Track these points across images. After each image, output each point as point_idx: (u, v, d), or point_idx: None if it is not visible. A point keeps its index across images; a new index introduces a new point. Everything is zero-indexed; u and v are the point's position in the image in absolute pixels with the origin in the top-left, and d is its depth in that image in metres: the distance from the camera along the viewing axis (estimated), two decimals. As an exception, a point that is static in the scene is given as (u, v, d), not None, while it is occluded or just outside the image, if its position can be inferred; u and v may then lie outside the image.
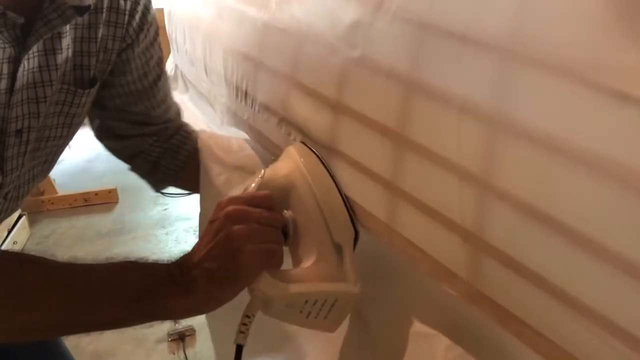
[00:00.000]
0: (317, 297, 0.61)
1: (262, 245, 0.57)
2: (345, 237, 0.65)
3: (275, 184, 0.67)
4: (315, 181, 0.66)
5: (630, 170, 0.34)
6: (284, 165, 0.70)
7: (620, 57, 0.35)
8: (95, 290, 0.55)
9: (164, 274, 0.56)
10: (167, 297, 0.55)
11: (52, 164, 0.87)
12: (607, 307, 0.38)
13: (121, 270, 0.57)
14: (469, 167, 0.47)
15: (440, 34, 0.51)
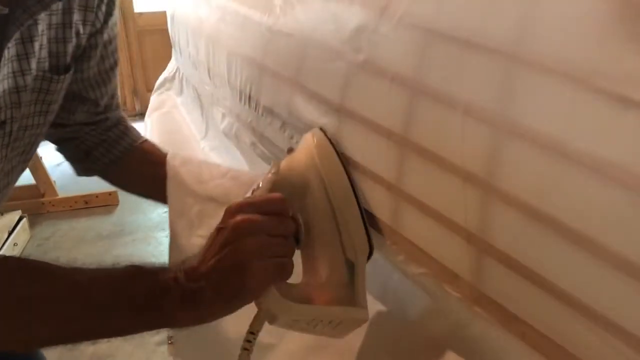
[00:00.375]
0: (323, 319, 0.59)
1: (271, 260, 0.54)
2: (359, 255, 0.62)
3: (289, 181, 0.63)
4: (333, 189, 0.62)
5: (633, 174, 0.35)
6: (301, 161, 0.65)
7: (623, 62, 0.35)
8: (101, 300, 0.54)
9: (172, 284, 0.53)
10: (174, 309, 0.53)
11: (29, 154, 0.86)
12: (610, 309, 0.38)
13: (128, 278, 0.54)
14: (473, 169, 0.47)
15: (444, 39, 0.51)
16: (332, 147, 0.65)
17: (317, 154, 0.64)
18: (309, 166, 0.63)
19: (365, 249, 0.62)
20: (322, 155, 0.64)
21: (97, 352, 1.90)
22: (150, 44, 4.57)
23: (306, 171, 0.63)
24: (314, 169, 0.63)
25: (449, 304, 0.53)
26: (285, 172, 0.63)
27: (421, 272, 0.56)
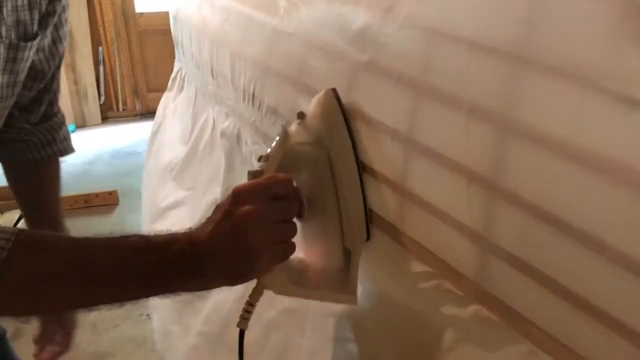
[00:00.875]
0: (316, 300, 0.65)
1: (277, 246, 0.57)
2: (357, 245, 0.64)
3: (296, 153, 0.63)
4: (338, 165, 0.63)
5: (638, 173, 0.35)
6: (309, 132, 0.64)
7: (628, 62, 0.36)
8: (111, 273, 0.55)
9: (181, 259, 0.54)
10: (182, 281, 0.55)
11: None
12: (615, 308, 0.38)
13: (138, 253, 0.55)
14: (477, 169, 0.48)
15: (449, 39, 0.52)
16: (344, 121, 0.64)
17: (326, 129, 0.64)
18: (316, 139, 0.64)
19: (363, 237, 0.64)
20: (331, 131, 0.64)
21: (96, 352, 1.90)
22: (151, 45, 4.57)
23: (313, 144, 0.64)
24: (320, 142, 0.64)
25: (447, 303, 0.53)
26: (293, 143, 0.63)
27: (425, 271, 0.57)
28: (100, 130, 4.41)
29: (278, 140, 0.62)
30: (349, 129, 0.64)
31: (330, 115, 0.64)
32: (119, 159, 3.76)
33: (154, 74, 4.60)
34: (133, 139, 4.13)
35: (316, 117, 0.65)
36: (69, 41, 4.19)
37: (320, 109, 0.65)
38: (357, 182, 0.64)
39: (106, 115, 4.63)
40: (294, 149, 0.63)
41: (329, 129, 0.64)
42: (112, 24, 4.45)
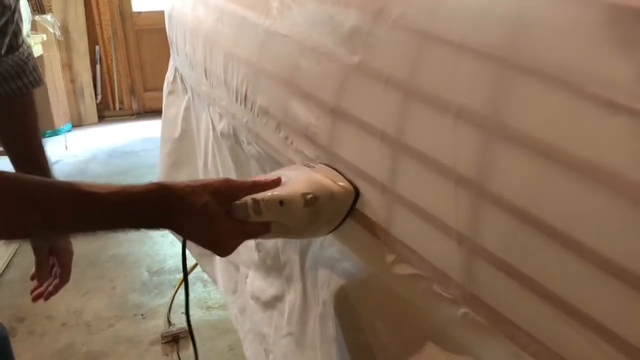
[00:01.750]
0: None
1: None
2: None
3: (284, 225, 0.67)
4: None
5: (621, 178, 0.35)
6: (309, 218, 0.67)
7: (612, 67, 0.36)
8: (80, 217, 0.61)
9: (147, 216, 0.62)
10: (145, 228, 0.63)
11: None
12: (598, 311, 0.39)
13: (107, 205, 0.60)
14: (464, 172, 0.48)
15: (438, 42, 0.52)
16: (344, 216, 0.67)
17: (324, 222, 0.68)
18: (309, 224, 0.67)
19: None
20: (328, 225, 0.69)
21: (91, 351, 1.90)
22: (148, 44, 4.57)
23: (302, 227, 0.68)
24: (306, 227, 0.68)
25: (437, 306, 0.53)
26: (288, 220, 0.66)
27: (413, 273, 0.57)
28: (97, 130, 4.41)
29: (276, 208, 0.65)
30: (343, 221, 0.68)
31: (336, 215, 0.67)
32: (115, 158, 3.75)
33: (151, 73, 4.60)
34: (129, 138, 4.13)
35: (324, 211, 0.66)
36: (66, 40, 4.18)
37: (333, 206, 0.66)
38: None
39: (103, 114, 4.62)
40: (282, 223, 0.67)
41: (326, 224, 0.68)
42: (110, 22, 4.45)
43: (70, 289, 2.25)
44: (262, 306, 1.02)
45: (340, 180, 0.66)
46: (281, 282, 0.94)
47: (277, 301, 0.96)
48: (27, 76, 1.02)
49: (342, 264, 0.73)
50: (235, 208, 0.65)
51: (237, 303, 1.19)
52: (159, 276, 2.35)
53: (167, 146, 1.63)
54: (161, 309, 2.11)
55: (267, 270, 1.00)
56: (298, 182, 0.66)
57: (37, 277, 1.06)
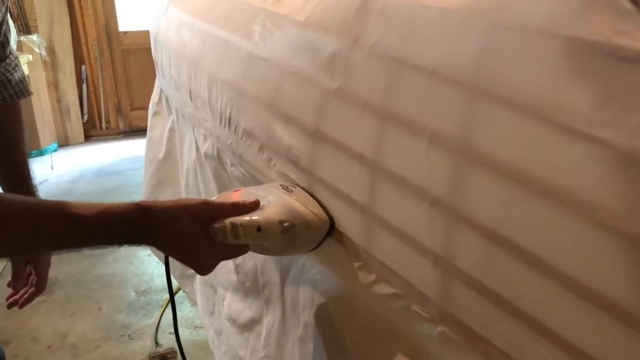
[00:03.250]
0: None
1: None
2: None
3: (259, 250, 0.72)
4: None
5: (582, 202, 0.37)
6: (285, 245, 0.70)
7: (572, 97, 0.38)
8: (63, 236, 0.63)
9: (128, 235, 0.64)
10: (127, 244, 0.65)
11: None
12: (568, 330, 0.40)
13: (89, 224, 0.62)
14: (439, 194, 0.50)
15: (412, 69, 0.54)
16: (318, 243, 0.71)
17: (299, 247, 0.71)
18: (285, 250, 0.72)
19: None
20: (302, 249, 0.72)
21: None
22: (134, 63, 4.59)
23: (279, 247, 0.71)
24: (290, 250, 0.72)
25: (416, 325, 0.55)
26: (264, 245, 0.70)
27: (392, 293, 0.58)
28: (83, 149, 4.39)
29: (252, 234, 0.67)
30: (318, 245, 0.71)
31: (309, 243, 0.71)
32: (101, 178, 3.74)
33: (138, 92, 4.61)
34: (116, 158, 4.12)
35: (298, 236, 0.68)
36: (52, 60, 4.18)
37: (309, 235, 0.69)
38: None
39: (89, 134, 4.61)
40: (258, 247, 0.71)
41: (299, 249, 0.72)
42: (96, 42, 4.46)
43: (55, 310, 2.23)
44: (238, 328, 1.02)
45: (316, 208, 0.69)
46: (259, 304, 0.95)
47: (254, 324, 0.97)
48: (13, 87, 1.04)
49: (323, 285, 0.74)
50: (214, 231, 0.67)
51: (214, 325, 1.20)
52: (146, 296, 2.34)
53: (152, 166, 1.64)
54: (148, 329, 2.10)
55: (245, 293, 1.01)
56: (276, 208, 0.68)
57: (13, 285, 1.07)
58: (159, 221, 0.65)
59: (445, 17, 0.51)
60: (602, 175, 0.36)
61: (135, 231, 0.64)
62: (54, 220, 0.61)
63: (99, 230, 0.63)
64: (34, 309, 2.19)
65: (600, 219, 0.36)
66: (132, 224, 0.64)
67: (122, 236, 0.64)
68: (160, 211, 0.65)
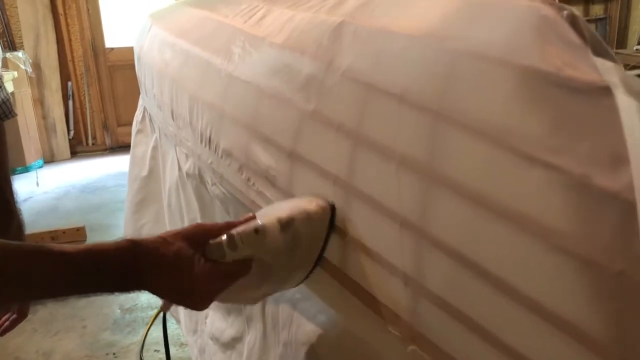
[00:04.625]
0: None
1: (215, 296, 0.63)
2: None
3: (262, 258, 0.63)
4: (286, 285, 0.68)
5: (538, 224, 0.38)
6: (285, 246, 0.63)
7: (527, 124, 0.39)
8: (49, 280, 0.57)
9: (121, 282, 0.59)
10: (133, 288, 0.60)
11: None
12: (531, 351, 0.41)
13: (76, 264, 0.58)
14: (408, 216, 0.51)
15: (382, 94, 0.55)
16: (324, 238, 0.64)
17: (305, 243, 0.64)
18: (287, 255, 0.64)
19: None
20: (309, 246, 0.65)
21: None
22: (121, 79, 4.59)
23: (280, 257, 0.63)
24: (289, 255, 0.64)
25: (388, 344, 0.56)
26: (266, 251, 0.63)
27: (366, 312, 0.59)
28: (69, 165, 4.37)
29: (252, 239, 0.62)
30: (323, 248, 0.65)
31: (315, 238, 0.64)
32: (87, 194, 3.72)
33: (124, 108, 4.60)
34: (102, 174, 4.11)
35: (301, 233, 0.63)
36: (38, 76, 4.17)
37: (310, 228, 0.63)
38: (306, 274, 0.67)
39: (75, 150, 4.60)
40: (262, 255, 0.63)
41: (306, 250, 0.64)
42: (82, 58, 4.46)
43: (39, 329, 2.21)
44: (221, 347, 1.03)
45: (315, 199, 0.63)
46: (241, 323, 0.96)
47: (236, 342, 0.97)
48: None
49: (303, 304, 0.75)
50: (210, 248, 0.62)
51: (198, 343, 1.20)
52: (131, 313, 2.32)
53: (135, 184, 1.64)
54: (134, 347, 2.09)
55: (227, 311, 1.01)
56: (272, 210, 0.65)
57: None
58: (151, 252, 0.60)
59: (412, 44, 0.53)
60: (556, 200, 0.37)
61: (127, 268, 0.59)
62: (37, 260, 0.56)
63: (88, 271, 0.58)
64: (17, 328, 2.17)
65: (555, 242, 0.38)
66: (124, 259, 0.59)
67: (115, 275, 0.59)
68: (152, 242, 0.60)
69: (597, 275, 0.35)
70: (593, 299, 0.36)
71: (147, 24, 1.52)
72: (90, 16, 4.47)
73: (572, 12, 0.40)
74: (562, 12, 0.40)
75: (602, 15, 5.11)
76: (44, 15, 4.25)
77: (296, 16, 0.81)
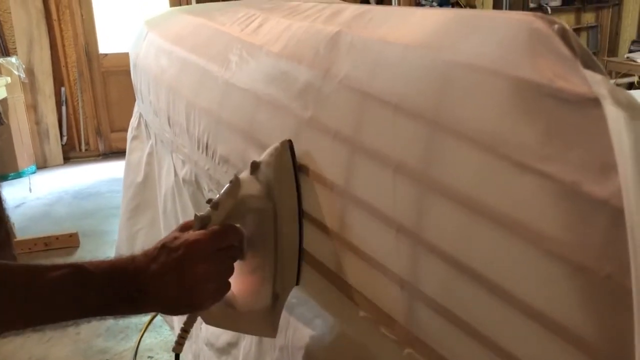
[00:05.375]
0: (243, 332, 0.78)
1: (219, 286, 0.62)
2: (286, 290, 0.70)
3: (246, 205, 0.66)
4: (282, 224, 0.67)
5: (531, 230, 0.40)
6: (261, 185, 0.67)
7: (519, 133, 0.41)
8: (54, 303, 0.58)
9: (122, 292, 0.59)
10: (122, 311, 0.62)
11: None
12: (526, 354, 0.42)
13: (72, 285, 0.58)
14: (404, 221, 0.52)
15: (378, 102, 0.57)
16: (294, 175, 0.68)
17: (276, 181, 0.67)
18: (266, 191, 0.67)
19: (292, 285, 0.70)
20: (281, 184, 0.67)
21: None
22: (115, 85, 4.59)
23: (262, 197, 0.67)
24: (269, 194, 0.67)
25: (384, 347, 0.57)
26: (244, 195, 0.66)
27: (363, 316, 0.60)
28: (62, 171, 4.36)
29: (229, 190, 0.65)
30: (297, 183, 0.68)
31: (282, 170, 0.67)
32: (80, 200, 3.71)
33: (118, 114, 4.60)
34: (95, 179, 4.10)
35: (269, 169, 0.67)
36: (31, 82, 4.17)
37: (274, 162, 0.67)
38: (296, 236, 0.68)
39: (68, 156, 4.59)
40: (243, 201, 0.66)
41: (279, 184, 0.67)
42: (76, 64, 4.46)
43: (32, 335, 2.20)
44: (216, 352, 1.03)
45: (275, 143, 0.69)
46: (238, 328, 0.96)
47: (231, 347, 0.98)
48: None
49: (299, 309, 0.76)
50: (196, 219, 0.63)
51: (192, 349, 1.20)
52: (124, 320, 2.32)
53: (130, 190, 1.65)
54: (127, 354, 2.08)
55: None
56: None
57: None
58: (147, 254, 0.61)
59: (408, 54, 0.54)
60: (548, 207, 0.39)
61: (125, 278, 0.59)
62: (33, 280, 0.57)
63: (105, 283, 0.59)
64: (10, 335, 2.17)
65: (547, 247, 0.39)
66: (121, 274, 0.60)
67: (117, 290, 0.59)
68: (147, 250, 0.62)
69: (587, 280, 0.37)
70: (584, 302, 0.37)
71: (143, 31, 1.53)
72: (84, 22, 4.47)
73: (562, 25, 0.41)
74: (553, 25, 0.41)
75: (594, 24, 5.17)
76: (37, 20, 4.25)
77: (293, 25, 0.82)
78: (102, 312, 0.62)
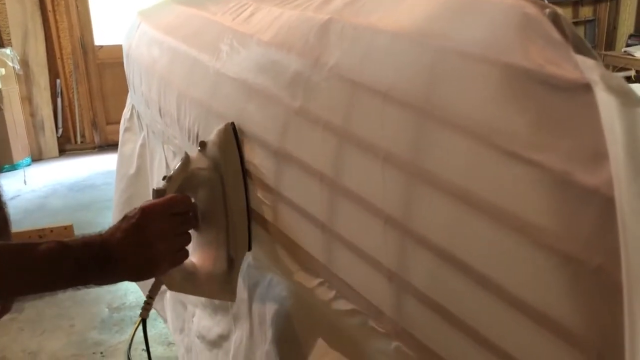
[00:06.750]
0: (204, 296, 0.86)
1: (174, 254, 0.70)
2: (239, 254, 0.78)
3: (197, 177, 0.76)
4: (230, 191, 0.76)
5: (520, 220, 0.39)
6: (209, 159, 0.77)
7: (510, 121, 0.40)
8: (41, 272, 0.65)
9: (94, 260, 0.66)
10: (93, 277, 0.68)
11: None
12: (514, 347, 0.42)
13: (57, 256, 0.65)
14: (392, 212, 0.51)
15: (367, 91, 0.55)
16: (237, 151, 0.77)
17: (222, 157, 0.76)
18: (213, 165, 0.76)
19: (245, 248, 0.78)
20: (226, 159, 0.77)
21: None
22: (110, 77, 4.56)
23: (210, 169, 0.76)
24: (216, 167, 0.76)
25: (373, 340, 0.56)
26: (193, 168, 0.76)
27: (350, 309, 0.59)
28: (57, 164, 4.34)
29: (180, 165, 0.75)
30: (241, 157, 0.77)
31: (226, 146, 0.77)
32: (75, 192, 3.70)
33: (114, 106, 4.57)
34: (91, 172, 4.08)
35: (215, 147, 0.77)
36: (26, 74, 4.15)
37: (219, 140, 0.77)
38: (243, 203, 0.77)
39: (64, 148, 4.56)
40: (193, 173, 0.76)
41: (224, 158, 0.76)
42: (71, 56, 4.43)
43: (26, 328, 2.19)
44: (207, 345, 1.03)
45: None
46: (228, 321, 0.95)
47: (222, 340, 0.97)
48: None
49: (289, 301, 0.75)
50: (153, 192, 0.72)
51: (184, 342, 1.20)
52: (119, 312, 2.31)
53: (123, 182, 1.63)
54: (121, 347, 2.08)
55: (214, 309, 1.01)
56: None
57: None
58: (112, 226, 0.69)
59: (397, 41, 0.53)
60: (538, 196, 0.38)
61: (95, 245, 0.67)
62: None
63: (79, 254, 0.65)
64: (3, 328, 2.16)
65: (537, 238, 0.38)
66: (92, 244, 0.68)
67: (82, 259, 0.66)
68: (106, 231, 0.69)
69: (576, 271, 0.36)
70: (572, 294, 0.36)
71: (136, 21, 1.51)
72: (80, 13, 4.44)
73: (554, 10, 0.40)
74: (544, 10, 0.40)
75: (591, 17, 5.15)
76: (32, 12, 4.22)
77: (284, 14, 0.81)
78: (77, 280, 0.68)
